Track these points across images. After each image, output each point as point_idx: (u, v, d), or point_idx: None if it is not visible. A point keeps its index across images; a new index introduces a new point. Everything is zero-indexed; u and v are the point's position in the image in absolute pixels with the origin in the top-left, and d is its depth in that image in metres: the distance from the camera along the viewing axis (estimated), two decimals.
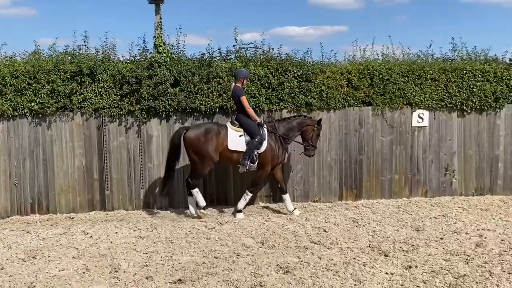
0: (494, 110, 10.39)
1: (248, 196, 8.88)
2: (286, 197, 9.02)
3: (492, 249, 6.48)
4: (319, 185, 10.06)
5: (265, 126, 8.80)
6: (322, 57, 10.41)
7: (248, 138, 8.54)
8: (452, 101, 10.21)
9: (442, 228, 7.65)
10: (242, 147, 8.52)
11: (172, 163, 8.74)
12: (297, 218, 8.48)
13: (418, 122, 10.21)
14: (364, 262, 6.10)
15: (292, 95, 9.75)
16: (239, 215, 8.69)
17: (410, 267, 5.90)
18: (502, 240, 6.88)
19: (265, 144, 8.65)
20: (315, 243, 7.02)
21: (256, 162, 8.61)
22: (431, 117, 10.24)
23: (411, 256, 6.30)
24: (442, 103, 10.20)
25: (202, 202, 8.65)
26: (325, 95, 9.83)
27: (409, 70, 10.09)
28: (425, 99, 10.12)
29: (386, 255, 6.40)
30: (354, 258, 6.28)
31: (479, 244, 6.73)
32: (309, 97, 9.80)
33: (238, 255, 6.44)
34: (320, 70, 9.95)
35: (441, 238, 7.10)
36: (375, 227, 7.88)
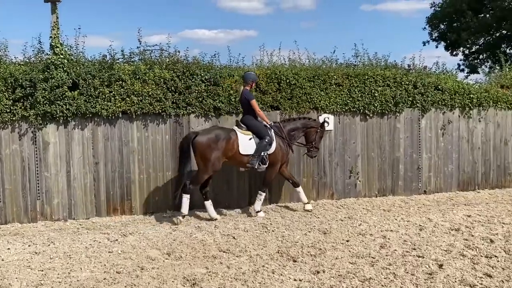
0: (394, 114, 10.80)
1: (261, 196, 9.13)
2: (300, 189, 9.39)
3: (395, 250, 6.63)
4: (229, 190, 9.90)
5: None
6: (230, 61, 10.31)
7: (257, 140, 8.73)
8: (356, 106, 10.48)
9: (348, 231, 7.76)
10: (250, 150, 8.71)
11: (182, 169, 8.63)
12: (206, 225, 8.26)
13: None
14: (273, 269, 6.00)
15: (200, 99, 9.53)
16: (260, 214, 8.99)
17: (318, 272, 5.88)
18: (405, 240, 7.08)
19: (274, 145, 8.88)
20: (224, 252, 6.84)
21: (267, 163, 8.83)
22: (336, 121, 10.45)
23: (319, 261, 6.29)
24: (346, 108, 10.45)
25: (185, 210, 8.66)
26: (233, 100, 9.71)
27: (315, 75, 10.24)
28: (330, 103, 10.31)
29: (294, 261, 6.36)
30: (263, 266, 6.16)
31: (383, 245, 6.87)
32: (217, 101, 9.63)
33: (142, 269, 6.10)
34: (228, 74, 9.82)
35: (347, 241, 7.18)
36: (284, 231, 7.84)
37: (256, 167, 8.70)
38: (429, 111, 10.97)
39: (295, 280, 5.66)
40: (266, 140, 8.72)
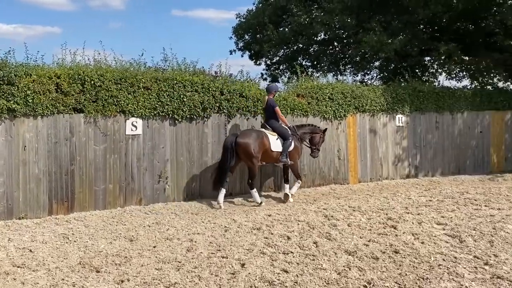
0: (203, 119, 11.05)
1: (298, 183, 11.40)
2: (287, 186, 11.21)
3: (201, 252, 6.76)
4: (25, 200, 9.09)
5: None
6: (28, 59, 9.49)
7: (281, 140, 10.72)
8: (164, 110, 10.47)
9: (155, 236, 7.69)
10: (280, 148, 10.65)
11: (224, 165, 10.25)
12: None
13: (132, 130, 10.16)
14: (73, 282, 5.65)
15: None
16: (290, 200, 10.82)
17: (122, 281, 5.70)
18: (211, 242, 7.26)
19: (293, 144, 10.88)
20: (18, 267, 6.24)
21: (288, 157, 10.74)
22: (144, 125, 10.31)
23: (124, 269, 6.11)
24: (155, 112, 10.37)
25: (257, 199, 10.56)
26: (31, 101, 8.94)
27: (122, 77, 9.96)
28: (138, 107, 10.14)
29: (98, 271, 6.08)
30: (63, 279, 5.77)
31: (189, 249, 6.95)
32: (12, 102, 8.78)
33: None
34: (25, 73, 9.01)
35: (154, 247, 7.11)
36: (87, 241, 7.46)
37: (287, 161, 10.71)
38: (235, 117, 11.47)
39: None
40: (290, 139, 10.79)
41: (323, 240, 7.30)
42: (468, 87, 19.05)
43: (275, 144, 10.64)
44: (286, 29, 20.90)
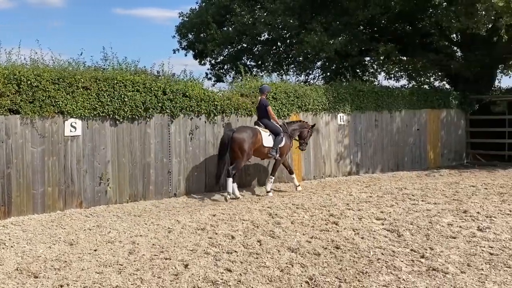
0: (145, 119, 10.90)
1: (271, 179, 11.96)
2: (294, 176, 12.36)
3: (144, 255, 6.67)
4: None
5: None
6: None
7: (273, 136, 11.52)
8: (105, 110, 10.25)
9: (96, 240, 7.52)
10: (271, 143, 11.46)
11: (223, 158, 11.02)
12: None
13: (71, 131, 9.89)
14: None
15: None
16: (270, 194, 11.57)
17: (62, 286, 5.55)
18: (153, 244, 7.17)
19: (284, 140, 11.64)
20: None
21: (278, 153, 11.60)
22: (84, 126, 10.07)
23: (63, 274, 5.94)
24: (95, 112, 10.15)
25: (230, 189, 11.10)
26: None
27: (60, 77, 9.68)
28: (78, 107, 9.88)
29: (36, 277, 5.89)
30: None
31: (132, 251, 6.84)
32: None
33: None
34: None
35: (95, 250, 6.96)
36: (25, 246, 7.21)
37: (277, 156, 11.52)
38: (178, 117, 11.38)
39: None
40: (281, 135, 11.60)
41: (267, 238, 7.36)
42: (406, 86, 19.76)
43: (267, 140, 11.48)
44: (230, 29, 20.93)
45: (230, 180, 11.11)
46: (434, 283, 5.44)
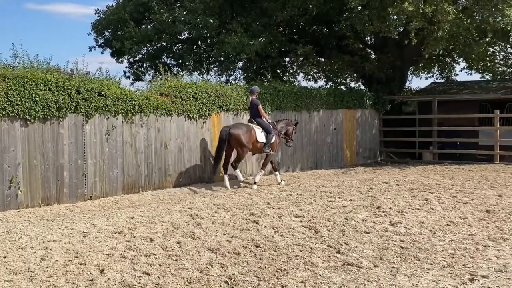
0: (58, 119, 10.43)
1: (261, 172, 13.08)
2: (277, 173, 13.33)
3: (57, 260, 6.37)
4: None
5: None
6: None
7: (264, 133, 12.63)
8: (15, 110, 9.71)
9: (6, 246, 7.08)
10: (263, 139, 12.59)
11: (220, 152, 12.23)
12: None
13: None
14: None
15: None
16: (255, 186, 12.35)
17: None
18: (68, 249, 6.87)
19: (274, 138, 12.83)
20: None
21: (270, 148, 12.74)
22: None
23: None
24: (4, 112, 9.58)
25: (240, 177, 12.78)
26: None
27: None
28: None
29: None
30: None
31: (44, 257, 6.51)
32: None
33: None
34: None
35: (5, 257, 6.55)
36: None
37: (269, 152, 12.67)
38: (94, 117, 11.00)
39: None
40: (272, 133, 12.75)
41: (186, 239, 7.28)
42: (324, 87, 20.34)
43: (260, 136, 12.59)
44: (149, 27, 20.55)
45: (239, 171, 12.72)
46: (349, 278, 5.62)
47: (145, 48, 21.36)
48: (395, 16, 16.25)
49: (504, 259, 6.16)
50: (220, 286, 5.49)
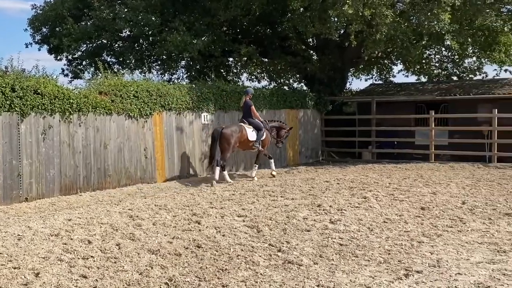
0: None
1: (256, 167, 14.18)
2: (271, 161, 14.68)
3: None
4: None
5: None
6: None
7: (255, 131, 13.58)
8: None
9: None
10: (254, 137, 13.52)
11: (214, 150, 13.02)
12: None
13: None
14: None
15: None
16: (255, 179, 13.44)
17: None
18: (1, 253, 6.59)
19: (265, 134, 13.84)
20: None
21: (261, 145, 13.73)
22: None
23: None
24: None
25: (217, 176, 12.87)
26: None
27: None
28: None
29: None
30: None
31: None
32: None
33: None
34: None
35: None
36: None
37: (259, 148, 13.72)
38: (29, 116, 10.58)
39: None
40: (262, 131, 13.75)
41: (126, 241, 7.14)
42: (267, 87, 20.50)
43: (251, 135, 13.51)
44: (88, 24, 19.98)
45: (218, 168, 12.95)
46: (289, 275, 5.68)
47: (85, 45, 20.74)
48: (335, 19, 16.60)
49: (437, 255, 6.41)
50: (160, 287, 5.41)
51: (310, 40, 21.44)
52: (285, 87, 22.19)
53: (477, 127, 17.18)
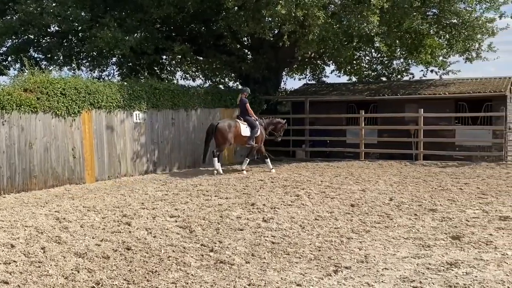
0: None
1: (247, 161, 15.13)
2: (268, 160, 15.15)
3: None
4: None
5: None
6: None
7: (249, 128, 14.41)
8: None
9: None
10: (248, 133, 14.40)
11: (208, 144, 14.34)
12: None
13: None
14: None
15: None
16: (244, 173, 14.35)
17: None
18: None
19: (259, 131, 14.59)
20: None
21: (254, 141, 14.45)
22: None
23: None
24: None
25: (216, 166, 14.23)
26: None
27: None
28: None
29: None
30: None
31: None
32: None
33: None
34: None
35: None
36: None
37: (253, 144, 14.34)
38: None
39: None
40: (257, 128, 14.40)
41: (52, 244, 6.86)
42: (202, 86, 20.35)
43: (245, 131, 14.28)
44: (14, 18, 19.03)
45: (216, 159, 14.07)
46: (220, 275, 5.64)
47: (10, 40, 19.74)
48: (269, 19, 16.70)
49: (365, 250, 6.57)
50: None
51: (245, 39, 21.47)
52: (221, 86, 22.12)
53: (404, 126, 17.85)
